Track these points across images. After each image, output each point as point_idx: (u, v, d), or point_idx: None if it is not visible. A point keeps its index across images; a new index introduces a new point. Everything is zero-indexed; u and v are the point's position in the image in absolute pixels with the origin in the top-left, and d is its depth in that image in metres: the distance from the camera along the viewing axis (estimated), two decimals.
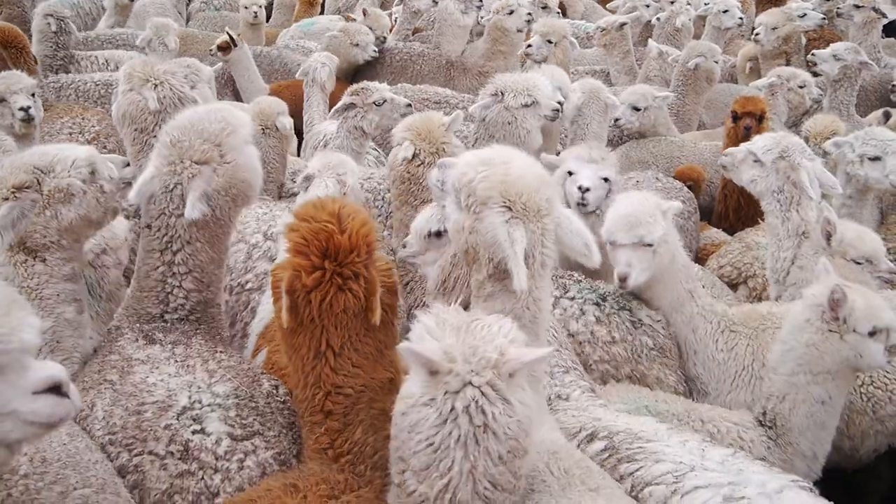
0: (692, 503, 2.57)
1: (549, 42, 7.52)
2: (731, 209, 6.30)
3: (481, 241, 2.63)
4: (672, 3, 10.13)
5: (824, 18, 9.42)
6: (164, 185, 3.17)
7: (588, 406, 3.22)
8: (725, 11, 9.35)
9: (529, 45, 7.59)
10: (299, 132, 6.84)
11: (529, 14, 8.46)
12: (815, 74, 7.69)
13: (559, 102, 5.31)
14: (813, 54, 7.56)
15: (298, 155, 6.98)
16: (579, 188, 4.45)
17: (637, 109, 6.98)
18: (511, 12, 8.38)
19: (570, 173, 4.56)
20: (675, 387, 3.86)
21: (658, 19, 10.10)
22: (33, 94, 5.34)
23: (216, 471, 2.70)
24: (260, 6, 9.92)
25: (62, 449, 2.56)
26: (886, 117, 6.75)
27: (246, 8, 9.93)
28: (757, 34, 8.58)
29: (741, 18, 9.57)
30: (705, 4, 9.76)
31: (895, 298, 3.95)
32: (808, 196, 4.49)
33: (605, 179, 4.51)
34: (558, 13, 10.26)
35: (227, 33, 8.00)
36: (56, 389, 2.03)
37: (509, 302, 2.65)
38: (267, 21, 10.84)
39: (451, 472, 2.14)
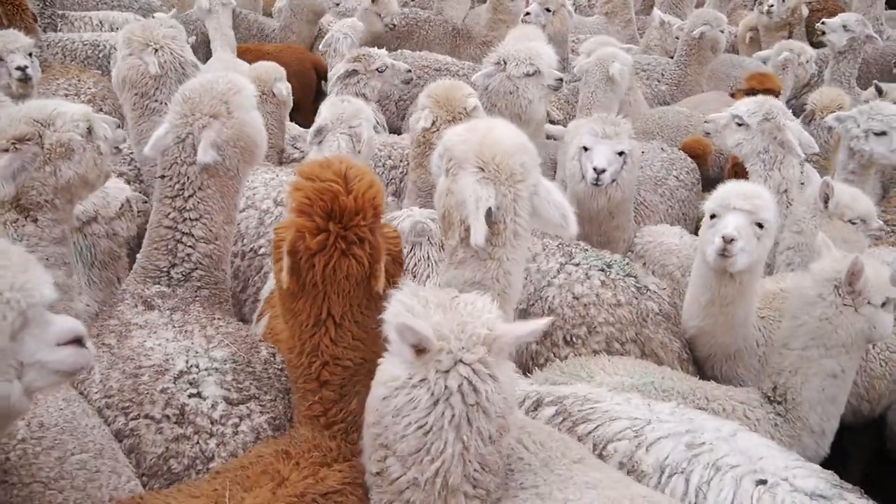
0: (659, 453, 2.64)
1: (548, 10, 7.45)
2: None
3: (454, 202, 2.64)
4: None
5: None
6: (176, 136, 3.30)
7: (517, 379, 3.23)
8: None
9: (528, 13, 7.53)
10: None
11: None
12: (816, 46, 7.62)
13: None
14: (823, 23, 7.43)
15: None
16: (594, 169, 4.44)
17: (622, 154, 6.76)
18: None
19: (585, 149, 4.54)
20: (680, 353, 3.87)
21: None
22: (31, 54, 5.27)
23: (211, 435, 2.71)
24: None
25: (59, 414, 2.57)
26: (879, 92, 6.70)
27: None
28: (771, 6, 8.45)
29: None
30: None
31: (884, 255, 4.20)
32: (795, 154, 4.66)
33: (620, 153, 4.50)
34: None
35: None
36: (77, 341, 2.14)
37: (479, 270, 2.66)
38: None
39: (444, 455, 2.10)
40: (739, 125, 4.77)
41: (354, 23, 7.49)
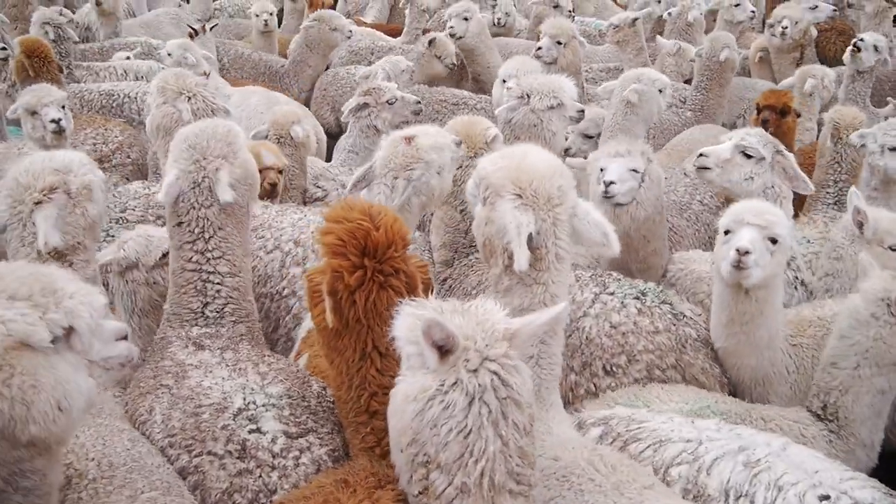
0: (721, 475, 2.69)
1: (559, 43, 7.51)
2: None
3: (494, 230, 2.69)
4: None
5: (835, 10, 9.45)
6: (192, 181, 3.36)
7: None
8: (737, 5, 9.33)
9: (539, 48, 7.58)
10: None
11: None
12: (827, 64, 7.60)
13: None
14: (861, 39, 7.28)
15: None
16: (604, 182, 4.49)
17: (589, 137, 6.61)
18: None
19: (602, 170, 4.60)
20: (720, 378, 3.89)
21: (669, 14, 10.14)
22: (63, 106, 5.42)
23: (273, 468, 2.76)
24: (270, 13, 10.04)
25: (127, 454, 2.64)
26: None
27: (257, 16, 10.07)
28: (785, 28, 8.47)
29: (753, 12, 9.58)
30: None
31: None
32: (808, 188, 4.55)
33: (635, 171, 4.53)
34: (570, 13, 10.28)
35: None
36: (125, 337, 2.47)
37: (526, 297, 2.70)
38: (279, 27, 10.93)
39: (487, 453, 2.11)
40: (749, 157, 4.48)
41: (398, 60, 7.80)
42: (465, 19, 8.74)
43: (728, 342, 3.78)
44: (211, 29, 9.28)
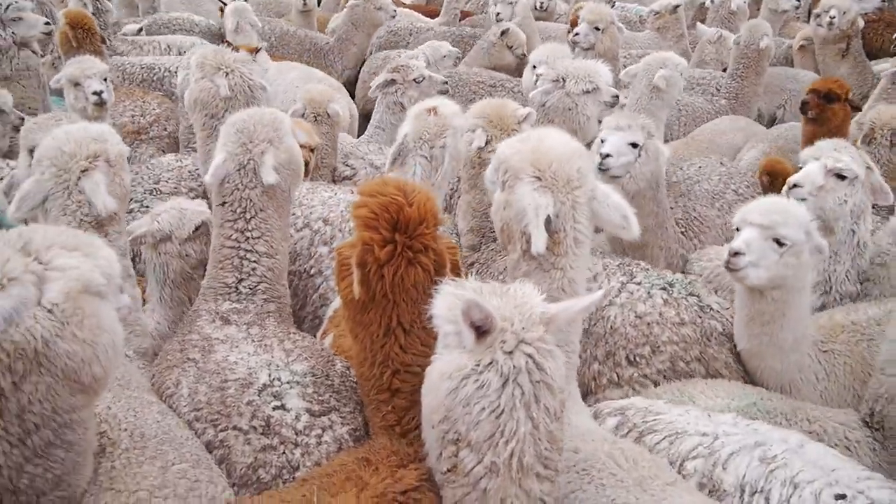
0: (738, 471, 2.68)
1: (597, 29, 7.43)
2: None
3: (513, 214, 2.68)
4: None
5: (884, 0, 9.23)
6: (238, 163, 3.48)
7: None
8: None
9: (577, 33, 7.52)
10: None
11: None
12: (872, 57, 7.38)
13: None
14: None
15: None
16: (600, 154, 4.47)
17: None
18: None
19: (602, 141, 4.59)
20: (742, 376, 3.84)
21: (712, 1, 9.97)
22: (105, 79, 5.49)
23: (296, 445, 2.81)
24: None
25: (157, 426, 2.69)
26: None
27: None
28: (832, 17, 8.22)
29: (798, 1, 9.40)
30: None
31: None
32: (889, 200, 4.25)
33: (634, 145, 4.51)
34: None
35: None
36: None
37: (545, 281, 2.69)
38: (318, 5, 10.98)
39: (517, 434, 2.12)
40: (842, 179, 4.11)
41: (440, 46, 7.84)
42: (510, 3, 8.71)
43: (750, 343, 3.70)
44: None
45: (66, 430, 2.18)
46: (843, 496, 2.45)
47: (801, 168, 4.28)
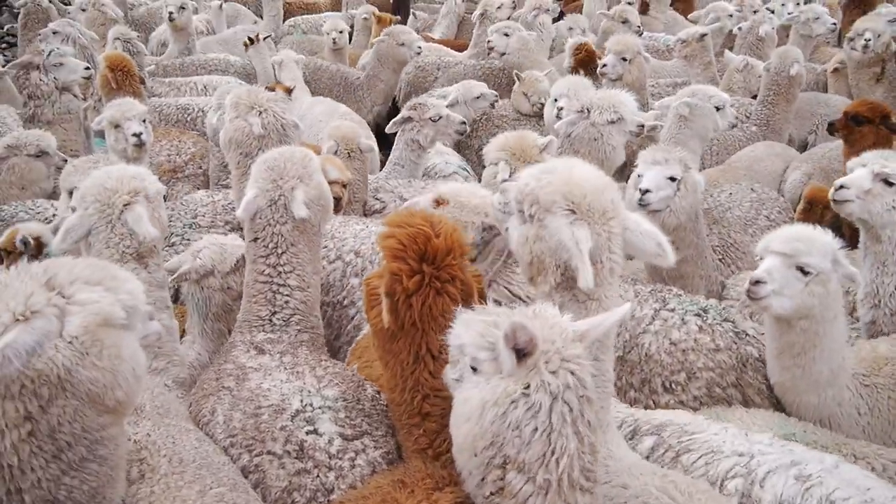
0: (774, 489, 2.67)
1: (624, 59, 7.47)
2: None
3: (546, 248, 2.65)
4: (755, 12, 10.01)
5: None
6: (269, 199, 3.57)
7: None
8: (817, 18, 9.18)
9: (605, 65, 7.56)
10: None
11: None
12: None
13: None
14: None
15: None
16: (640, 190, 4.48)
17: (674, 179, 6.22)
18: None
19: (640, 176, 4.60)
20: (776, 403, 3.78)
21: (740, 28, 10.01)
22: (144, 120, 5.68)
23: (330, 469, 2.86)
24: (340, 32, 10.30)
25: (195, 451, 2.77)
26: None
27: (328, 34, 10.36)
28: (867, 40, 8.11)
29: (834, 24, 9.36)
30: (789, 14, 9.60)
31: None
32: None
33: (672, 178, 4.52)
34: (639, 28, 10.24)
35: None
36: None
37: (581, 313, 2.66)
38: (349, 43, 11.20)
39: (568, 451, 2.15)
40: (890, 185, 4.03)
41: (472, 87, 7.76)
42: (506, 34, 8.78)
43: (783, 376, 3.59)
44: (264, 39, 9.58)
45: (98, 446, 2.29)
46: None
47: None
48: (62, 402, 2.17)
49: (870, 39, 8.11)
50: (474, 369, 2.29)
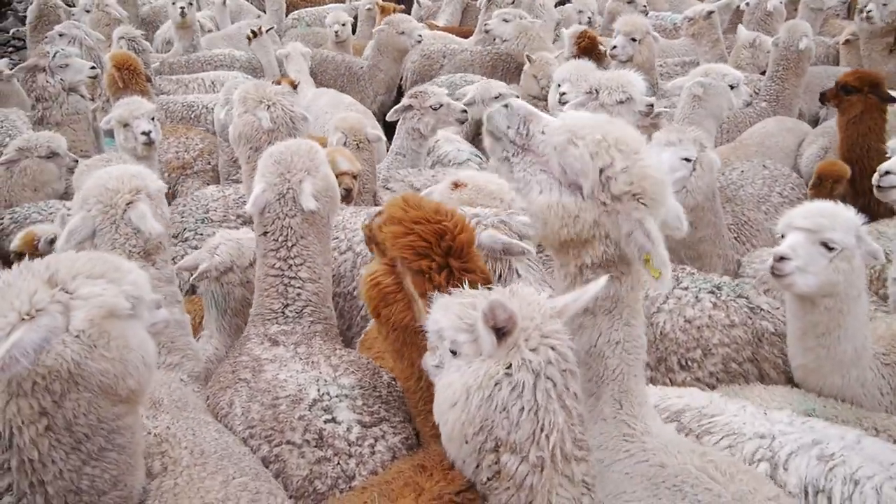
0: (799, 472, 2.66)
1: (633, 40, 7.39)
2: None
3: (610, 232, 2.45)
4: None
5: None
6: (277, 193, 3.58)
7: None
8: None
9: (615, 46, 7.49)
10: None
11: None
12: None
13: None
14: None
15: None
16: None
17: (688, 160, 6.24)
18: None
19: None
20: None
21: (748, 4, 9.92)
22: (152, 118, 5.69)
23: (350, 456, 2.87)
24: (343, 24, 10.28)
25: (216, 443, 2.78)
26: None
27: (330, 27, 10.36)
28: (869, 12, 8.02)
29: None
30: None
31: None
32: None
33: (686, 159, 4.50)
34: (645, 7, 10.14)
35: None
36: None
37: (611, 288, 2.53)
38: (353, 34, 11.18)
39: (557, 425, 2.16)
40: None
41: (490, 86, 7.62)
42: (505, 21, 8.73)
43: (806, 358, 3.48)
44: (267, 32, 9.59)
45: (116, 436, 2.33)
46: None
47: (889, 157, 4.18)
48: (75, 396, 2.20)
49: (871, 10, 8.04)
50: (454, 353, 2.27)
